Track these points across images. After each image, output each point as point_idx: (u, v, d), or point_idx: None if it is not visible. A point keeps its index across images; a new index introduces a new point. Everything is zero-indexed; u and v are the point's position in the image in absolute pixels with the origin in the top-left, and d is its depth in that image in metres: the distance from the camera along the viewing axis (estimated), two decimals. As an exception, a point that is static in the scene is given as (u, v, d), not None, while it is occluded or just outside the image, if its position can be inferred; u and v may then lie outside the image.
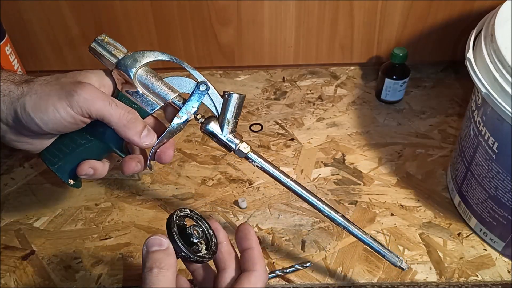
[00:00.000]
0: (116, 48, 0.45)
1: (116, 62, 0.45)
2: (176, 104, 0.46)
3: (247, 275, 0.39)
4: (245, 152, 0.47)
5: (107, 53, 0.45)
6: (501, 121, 0.47)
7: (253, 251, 0.40)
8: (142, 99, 0.45)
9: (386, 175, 0.67)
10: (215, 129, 0.46)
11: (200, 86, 0.47)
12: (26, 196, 0.66)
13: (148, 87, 0.45)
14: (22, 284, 0.55)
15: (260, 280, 0.39)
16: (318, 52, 0.85)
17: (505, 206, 0.52)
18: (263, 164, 0.48)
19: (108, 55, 0.45)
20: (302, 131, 0.75)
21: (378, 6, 0.78)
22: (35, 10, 0.78)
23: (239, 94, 0.46)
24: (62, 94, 0.40)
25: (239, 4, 0.78)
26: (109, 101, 0.41)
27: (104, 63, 0.46)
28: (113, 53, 0.45)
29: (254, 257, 0.40)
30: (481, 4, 0.77)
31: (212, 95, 0.47)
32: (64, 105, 0.40)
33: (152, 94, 0.46)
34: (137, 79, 0.45)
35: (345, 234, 0.59)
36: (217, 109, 0.47)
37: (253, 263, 0.40)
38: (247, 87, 0.84)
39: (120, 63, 0.45)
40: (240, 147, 0.47)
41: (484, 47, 0.50)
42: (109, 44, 0.45)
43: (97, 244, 0.59)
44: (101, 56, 0.45)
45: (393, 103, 0.79)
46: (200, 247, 0.40)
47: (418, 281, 0.54)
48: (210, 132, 0.46)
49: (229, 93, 0.46)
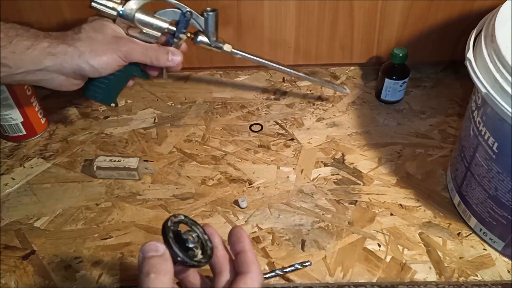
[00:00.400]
0: (113, 1, 0.59)
1: (117, 13, 0.59)
2: (170, 30, 0.62)
3: (242, 278, 0.39)
4: (228, 51, 0.67)
5: (107, 8, 0.59)
6: (501, 121, 0.47)
7: (247, 254, 0.40)
8: (146, 35, 0.61)
9: (386, 175, 0.67)
10: (204, 40, 0.65)
11: (186, 14, 0.61)
12: (26, 196, 0.66)
13: (147, 24, 0.61)
14: (22, 284, 0.55)
15: (255, 282, 0.39)
16: (318, 52, 0.85)
17: (505, 206, 0.52)
18: (244, 55, 0.69)
19: (109, 10, 0.59)
20: (302, 131, 0.75)
21: (378, 6, 0.78)
22: (35, 10, 0.78)
23: (214, 10, 0.62)
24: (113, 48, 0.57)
25: (239, 4, 0.78)
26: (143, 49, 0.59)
27: (106, 16, 0.60)
28: (112, 7, 0.59)
29: (248, 259, 0.40)
30: (481, 4, 0.77)
31: (195, 18, 0.62)
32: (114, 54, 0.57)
33: (151, 28, 0.61)
34: (137, 22, 0.60)
35: (345, 233, 0.59)
36: (201, 26, 0.64)
37: (247, 266, 0.40)
38: (247, 87, 0.84)
39: (121, 14, 0.59)
40: (224, 48, 0.66)
41: (484, 47, 0.50)
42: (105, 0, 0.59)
43: (98, 244, 0.59)
44: (103, 12, 0.59)
45: (393, 103, 0.79)
46: (195, 252, 0.40)
47: (417, 280, 0.54)
48: (201, 41, 0.65)
49: (207, 12, 0.62)
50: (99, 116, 0.79)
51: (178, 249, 0.38)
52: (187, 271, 0.42)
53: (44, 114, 0.76)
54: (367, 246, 0.58)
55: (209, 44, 0.65)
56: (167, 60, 0.61)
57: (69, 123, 0.78)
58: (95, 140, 0.75)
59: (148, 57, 0.59)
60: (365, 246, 0.58)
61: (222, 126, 0.76)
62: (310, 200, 0.64)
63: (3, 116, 0.70)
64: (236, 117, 0.78)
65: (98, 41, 0.56)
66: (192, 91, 0.84)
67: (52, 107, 0.80)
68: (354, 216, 0.62)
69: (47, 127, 0.77)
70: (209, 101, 0.82)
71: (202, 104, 0.81)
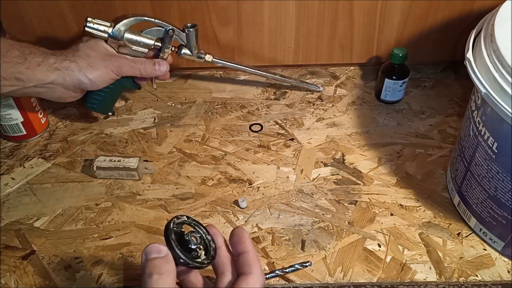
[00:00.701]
0: (103, 25, 0.66)
1: (108, 35, 0.66)
2: (156, 46, 0.70)
3: (244, 278, 0.39)
4: (210, 61, 0.74)
5: (99, 32, 0.66)
6: (500, 121, 0.47)
7: (249, 254, 0.40)
8: (135, 52, 0.69)
9: (386, 175, 0.67)
10: (187, 52, 0.73)
11: (169, 31, 0.69)
12: (26, 196, 0.66)
13: (135, 42, 0.68)
14: (22, 284, 0.55)
15: (257, 282, 0.39)
16: (318, 52, 0.85)
17: (505, 206, 0.52)
18: (224, 63, 0.76)
19: (101, 33, 0.66)
20: (302, 131, 0.75)
21: (378, 6, 0.78)
22: (35, 10, 0.78)
23: (194, 26, 0.70)
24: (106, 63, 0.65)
25: (239, 4, 0.78)
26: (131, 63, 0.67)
27: (99, 37, 0.67)
28: (104, 30, 0.66)
29: (250, 260, 0.40)
30: (481, 4, 0.77)
31: (178, 34, 0.70)
32: (109, 70, 0.65)
33: (139, 45, 0.69)
34: (126, 41, 0.68)
35: (345, 234, 0.59)
36: (183, 41, 0.71)
37: (249, 266, 0.40)
38: (247, 87, 0.84)
39: (112, 36, 0.67)
40: (206, 58, 0.74)
41: (483, 47, 0.50)
42: (97, 24, 0.66)
43: (98, 244, 0.59)
44: (96, 35, 0.66)
45: (393, 103, 0.79)
46: (199, 253, 0.40)
47: (417, 280, 0.54)
48: (184, 53, 0.72)
49: (188, 28, 0.69)
50: (99, 116, 0.79)
51: (180, 250, 0.38)
52: (189, 272, 0.42)
53: (44, 114, 0.76)
54: (367, 246, 0.58)
55: (191, 55, 0.73)
56: (155, 70, 0.68)
57: (69, 123, 0.78)
58: (95, 140, 0.75)
59: (137, 69, 0.67)
60: (365, 246, 0.58)
61: (222, 126, 0.76)
62: (310, 200, 0.64)
63: (3, 116, 0.71)
64: (236, 117, 0.78)
65: (93, 57, 0.64)
66: (192, 91, 0.84)
67: (52, 107, 0.80)
68: (354, 216, 0.62)
69: (47, 127, 0.77)
70: (209, 101, 0.82)
71: (202, 104, 0.81)
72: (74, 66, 0.62)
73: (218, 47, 0.83)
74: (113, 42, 0.67)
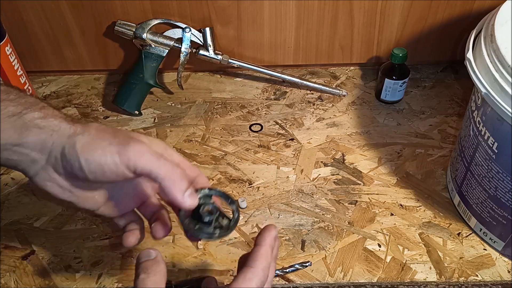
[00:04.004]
0: (129, 26, 0.76)
1: (133, 34, 0.76)
2: (176, 46, 0.77)
3: (244, 271, 0.38)
4: (226, 60, 0.79)
5: (125, 30, 0.76)
6: (500, 121, 0.47)
7: (260, 248, 0.39)
8: (155, 50, 0.76)
9: (386, 175, 0.67)
10: (205, 52, 0.78)
11: (186, 30, 0.76)
12: (26, 196, 0.66)
13: (156, 41, 0.76)
14: (22, 284, 0.55)
15: (256, 277, 0.37)
16: (318, 52, 0.85)
17: (505, 206, 0.52)
18: (241, 64, 0.80)
19: (127, 31, 0.76)
20: (302, 131, 0.75)
21: (378, 6, 0.78)
22: (35, 10, 0.78)
23: (209, 27, 0.77)
24: (114, 141, 0.38)
25: (239, 4, 0.78)
26: (158, 156, 0.39)
27: (125, 37, 0.77)
28: (129, 29, 0.76)
29: (258, 253, 0.39)
30: (481, 4, 0.77)
31: (194, 33, 0.77)
32: (113, 151, 0.38)
33: (160, 45, 0.76)
34: (149, 39, 0.76)
35: (345, 234, 0.59)
36: (200, 40, 0.78)
37: (254, 259, 0.38)
38: (247, 87, 0.84)
39: (135, 34, 0.76)
40: (222, 58, 0.78)
41: (484, 47, 0.50)
42: (124, 24, 0.76)
43: (97, 244, 0.59)
44: (123, 34, 0.76)
45: (393, 103, 0.79)
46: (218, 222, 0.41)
47: (418, 280, 0.54)
48: (202, 54, 0.78)
49: (204, 29, 0.77)
50: (99, 116, 0.79)
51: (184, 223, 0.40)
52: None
53: (44, 114, 0.76)
54: (367, 246, 0.58)
55: (209, 56, 0.78)
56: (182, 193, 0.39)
57: (69, 123, 0.78)
58: (95, 140, 0.74)
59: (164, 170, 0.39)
60: (365, 246, 0.58)
61: (222, 126, 0.76)
62: (310, 200, 0.64)
63: (3, 116, 0.70)
64: (236, 117, 0.78)
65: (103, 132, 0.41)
66: (192, 91, 0.84)
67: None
68: (354, 216, 0.62)
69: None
70: (209, 101, 0.82)
71: (202, 104, 0.81)
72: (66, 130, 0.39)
73: (218, 47, 0.83)
74: (138, 41, 0.76)
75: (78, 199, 0.42)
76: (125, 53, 0.84)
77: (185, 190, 0.39)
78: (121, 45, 0.83)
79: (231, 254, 0.58)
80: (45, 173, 0.40)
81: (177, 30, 0.77)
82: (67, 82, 0.86)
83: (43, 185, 0.41)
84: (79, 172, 0.38)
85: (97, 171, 0.38)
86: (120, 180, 0.39)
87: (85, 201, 0.43)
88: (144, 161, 0.38)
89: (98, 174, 0.38)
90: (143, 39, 0.75)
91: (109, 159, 0.38)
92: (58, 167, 0.39)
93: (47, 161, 0.39)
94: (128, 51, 0.83)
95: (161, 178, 0.38)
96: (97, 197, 0.43)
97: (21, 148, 0.38)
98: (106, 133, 0.39)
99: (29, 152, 0.39)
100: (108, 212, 0.45)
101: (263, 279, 0.38)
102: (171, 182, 0.38)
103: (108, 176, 0.38)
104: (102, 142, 0.38)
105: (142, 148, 0.38)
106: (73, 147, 0.38)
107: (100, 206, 0.44)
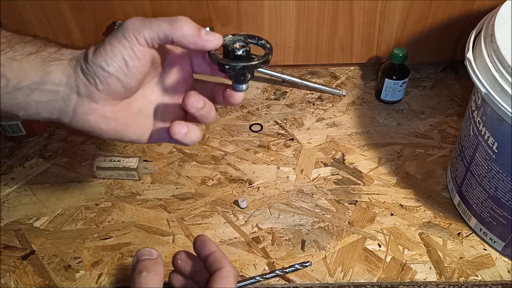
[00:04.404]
0: None
1: None
2: None
3: (218, 273, 0.40)
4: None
5: None
6: (501, 121, 0.47)
7: (215, 253, 0.41)
8: None
9: (386, 175, 0.67)
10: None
11: None
12: (26, 196, 0.66)
13: None
14: (22, 284, 0.55)
15: (230, 274, 0.40)
16: (318, 52, 0.85)
17: (505, 206, 0.52)
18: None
19: None
20: (302, 131, 0.75)
21: (378, 6, 0.78)
22: (35, 10, 0.78)
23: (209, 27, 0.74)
24: (118, 33, 0.37)
25: (239, 4, 0.78)
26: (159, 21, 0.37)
27: None
28: None
29: (218, 257, 0.41)
30: (481, 4, 0.77)
31: None
32: (119, 38, 0.37)
33: None
34: None
35: (345, 234, 0.59)
36: None
37: (219, 262, 0.41)
38: (247, 87, 0.84)
39: None
40: None
41: (484, 47, 0.50)
42: None
43: (97, 244, 0.59)
44: None
45: (393, 103, 0.79)
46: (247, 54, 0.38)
47: (418, 280, 0.54)
48: None
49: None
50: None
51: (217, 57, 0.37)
52: None
53: (44, 114, 0.76)
54: (367, 246, 0.58)
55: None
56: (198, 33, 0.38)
57: (69, 123, 0.78)
58: (94, 140, 0.74)
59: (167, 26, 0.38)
60: (365, 246, 0.58)
61: (222, 126, 0.76)
62: (310, 200, 0.64)
63: (3, 116, 0.70)
64: (236, 117, 0.78)
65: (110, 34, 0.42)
66: (192, 91, 0.84)
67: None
68: (354, 216, 0.62)
69: (47, 127, 0.77)
70: (209, 101, 0.81)
71: (202, 104, 0.81)
72: (78, 52, 0.39)
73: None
74: None
75: (126, 126, 0.41)
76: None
77: (199, 31, 0.38)
78: (121, 45, 0.83)
79: (231, 254, 0.58)
80: (83, 107, 0.39)
81: None
82: (67, 82, 0.86)
83: (86, 122, 0.39)
84: (108, 79, 0.37)
85: (122, 66, 0.37)
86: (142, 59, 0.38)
87: (135, 128, 0.42)
88: (148, 29, 0.37)
89: (124, 68, 0.37)
90: None
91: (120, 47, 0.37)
92: (92, 92, 0.38)
93: (78, 93, 0.38)
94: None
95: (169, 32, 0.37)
96: (142, 119, 0.42)
97: (49, 85, 0.38)
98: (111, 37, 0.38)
99: (58, 88, 0.38)
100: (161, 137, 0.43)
101: (236, 273, 0.40)
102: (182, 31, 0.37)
103: (134, 66, 0.38)
104: (108, 40, 0.38)
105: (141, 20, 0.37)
106: (87, 61, 0.37)
107: (150, 130, 0.43)
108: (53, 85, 0.38)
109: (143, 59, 0.38)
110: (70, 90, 0.38)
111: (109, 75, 0.37)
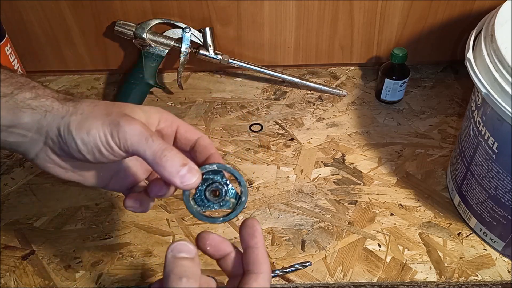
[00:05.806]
0: (129, 26, 0.76)
1: (133, 34, 0.76)
2: (176, 46, 0.77)
3: (255, 278, 0.37)
4: (226, 60, 0.78)
5: (125, 30, 0.76)
6: (501, 121, 0.47)
7: (259, 251, 0.38)
8: (155, 50, 0.76)
9: (386, 175, 0.67)
10: (205, 52, 0.78)
11: (186, 30, 0.76)
12: (26, 196, 0.66)
13: (156, 41, 0.76)
14: (22, 284, 0.55)
15: (267, 282, 0.38)
16: (318, 52, 0.85)
17: (505, 206, 0.52)
18: (241, 64, 0.79)
19: (126, 31, 0.76)
20: (302, 131, 0.75)
21: (378, 6, 0.78)
22: (35, 10, 0.78)
23: (209, 27, 0.77)
24: (106, 120, 0.37)
25: (239, 4, 0.78)
26: (147, 136, 0.36)
27: (125, 37, 0.77)
28: (129, 29, 0.76)
29: (260, 258, 0.38)
30: (481, 4, 0.77)
31: (194, 33, 0.77)
32: (106, 132, 0.37)
33: (160, 45, 0.76)
34: (149, 39, 0.76)
35: (345, 234, 0.59)
36: (200, 40, 0.77)
37: (260, 264, 0.38)
38: (247, 87, 0.84)
39: (135, 34, 0.76)
40: (222, 58, 0.78)
41: (484, 47, 0.50)
42: (124, 24, 0.76)
43: (97, 244, 0.59)
44: (123, 34, 0.76)
45: (393, 103, 0.79)
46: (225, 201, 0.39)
47: (418, 280, 0.54)
48: (203, 54, 0.78)
49: (204, 29, 0.76)
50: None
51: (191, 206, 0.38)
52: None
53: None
54: (367, 246, 0.58)
55: (209, 55, 0.78)
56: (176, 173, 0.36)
57: (69, 123, 0.78)
58: (95, 140, 0.74)
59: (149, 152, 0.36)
60: (365, 246, 0.58)
61: (222, 126, 0.76)
62: (310, 200, 0.64)
63: (3, 116, 0.70)
64: (236, 117, 0.78)
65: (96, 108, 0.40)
66: (192, 91, 0.84)
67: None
68: (354, 216, 0.62)
69: (47, 127, 0.77)
70: (209, 101, 0.82)
71: (202, 104, 0.81)
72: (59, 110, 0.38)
73: (218, 47, 0.83)
74: (138, 41, 0.76)
75: (83, 178, 0.42)
76: (125, 53, 0.84)
77: (179, 170, 0.36)
78: (121, 45, 0.83)
79: (231, 254, 0.57)
80: (45, 155, 0.39)
81: (177, 30, 0.77)
82: (67, 82, 0.86)
83: (45, 166, 0.40)
84: (77, 154, 0.37)
85: (95, 151, 0.37)
86: (119, 159, 0.38)
87: (91, 179, 0.42)
88: (131, 143, 0.36)
89: (97, 155, 0.37)
90: (143, 39, 0.75)
91: (103, 139, 0.37)
92: (56, 149, 0.38)
93: (45, 143, 0.38)
94: (128, 51, 0.83)
95: (150, 161, 0.36)
96: (102, 173, 0.42)
97: (18, 129, 0.38)
98: (99, 111, 0.38)
99: (27, 133, 0.38)
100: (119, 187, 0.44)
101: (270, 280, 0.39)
102: (158, 165, 0.36)
103: (106, 156, 0.37)
104: (95, 121, 0.37)
105: (132, 127, 0.36)
106: (68, 128, 0.37)
107: (108, 183, 0.43)
108: (23, 130, 0.38)
109: (115, 154, 0.38)
110: (39, 136, 0.38)
111: (85, 155, 0.37)
